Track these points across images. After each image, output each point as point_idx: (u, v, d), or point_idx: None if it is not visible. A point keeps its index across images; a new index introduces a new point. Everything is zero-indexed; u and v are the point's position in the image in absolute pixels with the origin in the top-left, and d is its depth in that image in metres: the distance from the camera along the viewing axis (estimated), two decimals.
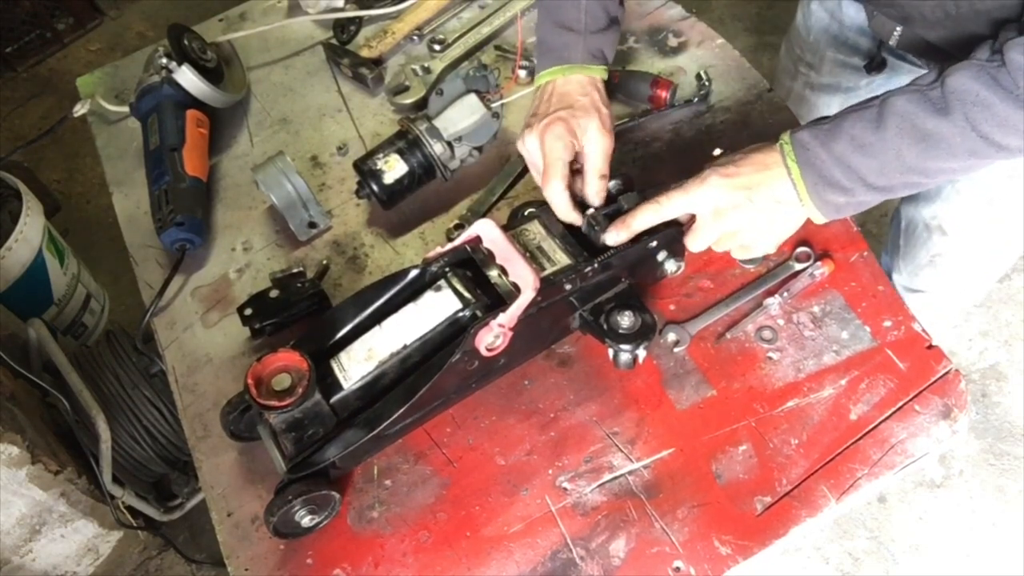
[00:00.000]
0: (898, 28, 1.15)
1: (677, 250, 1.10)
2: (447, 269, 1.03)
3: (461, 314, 0.99)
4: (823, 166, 0.95)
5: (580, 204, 1.09)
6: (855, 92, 1.41)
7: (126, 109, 1.42)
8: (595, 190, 1.08)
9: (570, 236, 1.06)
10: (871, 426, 1.04)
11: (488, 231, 1.02)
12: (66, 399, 1.60)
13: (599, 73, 1.15)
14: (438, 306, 1.00)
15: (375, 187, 1.21)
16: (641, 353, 1.04)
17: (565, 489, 1.03)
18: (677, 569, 0.97)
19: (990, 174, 1.21)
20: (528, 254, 1.03)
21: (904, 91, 0.91)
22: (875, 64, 1.31)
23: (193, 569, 2.02)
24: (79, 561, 1.85)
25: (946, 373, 1.06)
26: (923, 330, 1.10)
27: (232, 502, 1.06)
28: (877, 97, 0.94)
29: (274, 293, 1.16)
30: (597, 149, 1.08)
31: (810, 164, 0.96)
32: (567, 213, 1.08)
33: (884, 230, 2.26)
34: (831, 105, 1.46)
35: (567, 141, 1.07)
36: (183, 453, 1.74)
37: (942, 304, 1.63)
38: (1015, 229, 1.35)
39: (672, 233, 1.07)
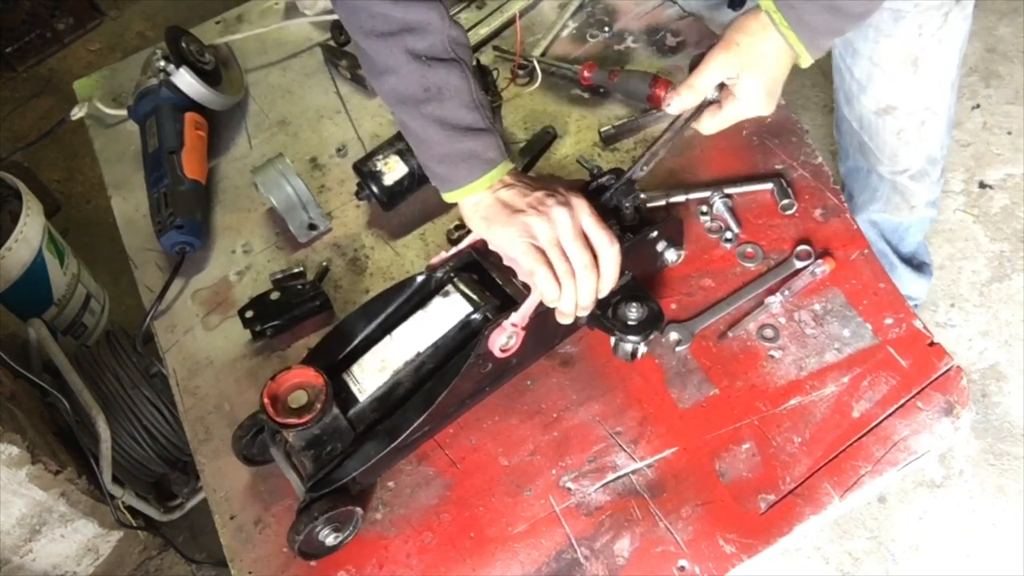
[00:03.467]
0: None
1: (676, 240, 1.11)
2: (452, 274, 1.03)
3: (472, 317, 0.99)
4: (814, 20, 0.96)
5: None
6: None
7: (124, 112, 1.42)
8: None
9: None
10: (874, 423, 1.04)
11: None
12: (66, 399, 1.59)
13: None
14: (448, 311, 1.00)
15: (375, 188, 1.21)
16: (641, 348, 1.04)
17: (569, 489, 1.03)
18: (682, 568, 0.97)
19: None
20: None
21: None
22: None
23: (193, 569, 2.01)
24: (79, 561, 1.84)
25: (948, 370, 1.07)
26: (924, 327, 1.10)
27: (235, 505, 1.06)
28: None
29: (275, 295, 1.16)
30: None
31: (802, 23, 0.96)
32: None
33: None
34: None
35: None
36: (183, 453, 1.74)
37: (934, 156, 1.60)
38: (941, 62, 1.39)
39: (672, 223, 1.08)
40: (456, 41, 0.98)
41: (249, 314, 1.15)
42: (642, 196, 1.12)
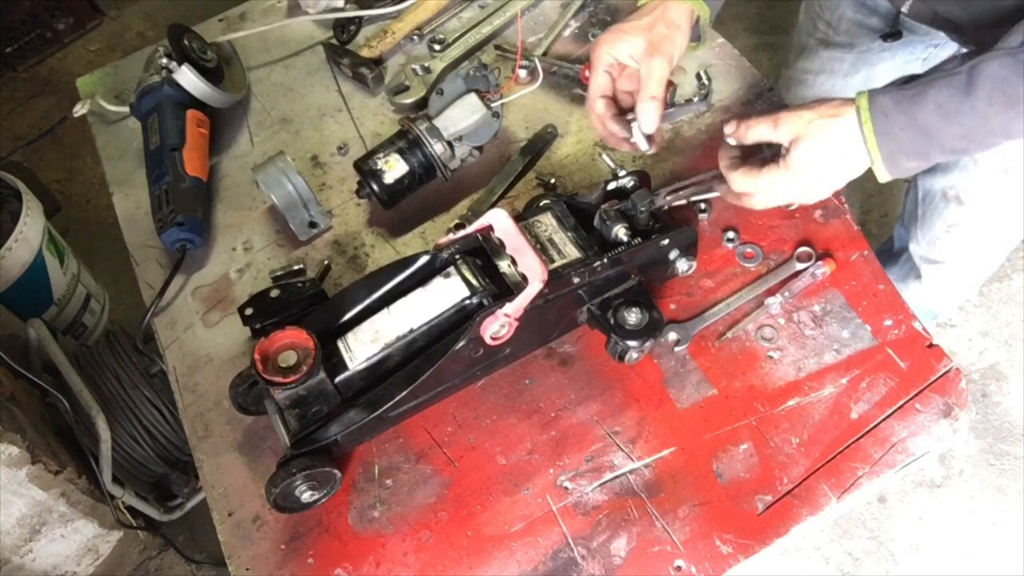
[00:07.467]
0: None
1: (690, 250, 1.11)
2: (458, 256, 1.03)
3: (468, 301, 1.00)
4: (903, 135, 0.92)
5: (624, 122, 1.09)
6: (867, 55, 1.42)
7: (126, 109, 1.42)
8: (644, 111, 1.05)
9: (582, 230, 1.07)
10: (872, 425, 1.04)
11: (500, 221, 1.03)
12: (66, 399, 1.60)
13: (700, 8, 1.09)
14: (446, 292, 1.01)
15: (375, 187, 1.21)
16: (632, 354, 1.04)
17: (566, 488, 1.03)
18: (678, 568, 0.97)
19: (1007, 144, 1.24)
20: (539, 245, 1.03)
21: (994, 56, 0.88)
22: (891, 33, 1.31)
23: (193, 569, 2.01)
24: (79, 561, 1.84)
25: (947, 372, 1.06)
26: (923, 329, 1.10)
27: (233, 502, 1.06)
28: (963, 64, 0.90)
29: (275, 293, 1.16)
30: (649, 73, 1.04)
31: (889, 134, 0.93)
32: (593, 109, 1.10)
33: (884, 231, 2.26)
34: (844, 60, 1.48)
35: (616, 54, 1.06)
36: (183, 453, 1.74)
37: (959, 275, 1.62)
38: None
39: (685, 233, 1.08)
40: None
41: (249, 311, 1.14)
42: (667, 198, 1.11)
